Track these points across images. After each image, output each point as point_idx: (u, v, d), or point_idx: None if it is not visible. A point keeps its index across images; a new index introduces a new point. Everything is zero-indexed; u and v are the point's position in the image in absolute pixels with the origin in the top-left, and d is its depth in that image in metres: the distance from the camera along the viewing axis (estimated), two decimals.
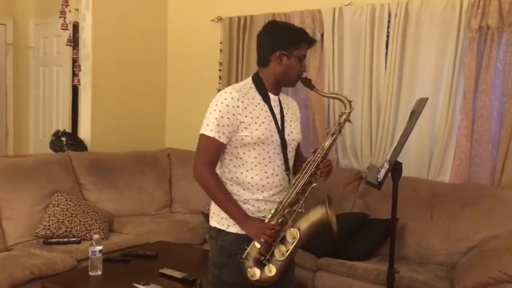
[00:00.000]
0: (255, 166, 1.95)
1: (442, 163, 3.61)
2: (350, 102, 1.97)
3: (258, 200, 1.96)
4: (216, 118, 1.90)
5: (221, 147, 1.95)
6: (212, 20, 4.65)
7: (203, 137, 1.94)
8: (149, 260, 3.08)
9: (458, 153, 3.50)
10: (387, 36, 3.79)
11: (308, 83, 2.00)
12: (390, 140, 3.73)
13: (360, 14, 3.85)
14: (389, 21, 3.77)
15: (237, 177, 1.96)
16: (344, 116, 1.96)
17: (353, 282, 2.98)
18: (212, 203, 2.03)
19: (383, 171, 1.92)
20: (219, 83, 4.63)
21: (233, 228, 1.96)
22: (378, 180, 1.93)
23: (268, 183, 1.96)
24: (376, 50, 3.81)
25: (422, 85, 3.66)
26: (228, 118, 1.90)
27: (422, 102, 2.03)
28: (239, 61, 4.48)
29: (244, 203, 1.96)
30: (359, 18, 3.87)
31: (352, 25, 3.90)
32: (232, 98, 1.91)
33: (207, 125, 1.92)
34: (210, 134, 1.91)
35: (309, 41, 2.01)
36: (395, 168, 2.01)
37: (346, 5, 3.91)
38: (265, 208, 1.98)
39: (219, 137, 1.91)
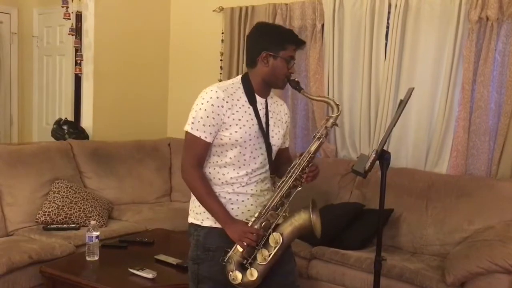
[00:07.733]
0: (231, 165, 1.94)
1: (440, 155, 3.62)
2: (338, 105, 1.96)
3: (238, 193, 1.95)
4: (202, 118, 1.89)
5: (208, 147, 1.94)
6: (214, 10, 4.67)
7: (189, 136, 1.93)
8: (146, 247, 3.13)
9: (455, 144, 3.51)
10: (387, 27, 3.79)
11: (296, 85, 1.99)
12: None
13: (361, 5, 3.86)
14: (389, 12, 3.77)
15: (214, 177, 1.97)
16: (331, 120, 1.95)
17: (346, 271, 3.01)
18: (190, 200, 2.04)
19: (370, 160, 1.93)
20: (220, 73, 4.65)
21: (207, 222, 1.96)
22: (365, 169, 1.95)
23: (244, 180, 1.95)
24: (375, 41, 3.81)
25: (421, 76, 3.67)
26: (214, 118, 1.89)
27: (409, 92, 2.04)
28: (240, 52, 4.50)
29: (232, 203, 1.96)
30: (359, 9, 3.87)
31: (352, 16, 3.91)
32: (217, 97, 1.90)
33: (193, 123, 1.91)
34: (197, 134, 1.90)
35: (297, 42, 1.99)
36: (383, 157, 2.02)
37: None
38: (252, 205, 1.96)
39: (206, 137, 1.90)
